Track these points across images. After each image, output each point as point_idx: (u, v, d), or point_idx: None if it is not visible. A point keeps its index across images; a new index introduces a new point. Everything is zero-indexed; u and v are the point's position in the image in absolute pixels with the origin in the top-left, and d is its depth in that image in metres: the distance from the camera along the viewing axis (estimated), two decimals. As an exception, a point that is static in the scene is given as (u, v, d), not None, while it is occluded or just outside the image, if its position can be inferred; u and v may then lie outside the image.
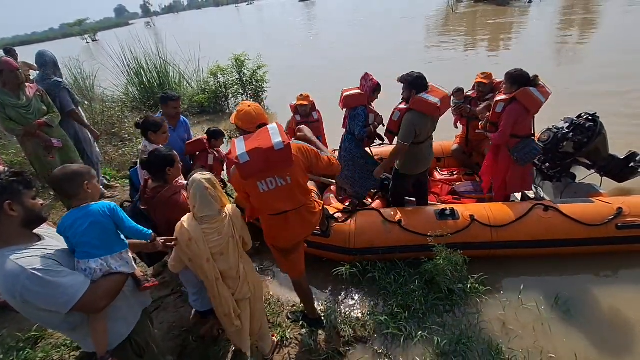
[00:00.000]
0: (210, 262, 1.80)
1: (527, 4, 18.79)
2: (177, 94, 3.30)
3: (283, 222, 2.07)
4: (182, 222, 1.79)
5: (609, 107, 5.44)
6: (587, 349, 2.26)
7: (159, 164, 2.06)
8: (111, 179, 4.83)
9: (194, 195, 1.76)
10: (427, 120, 2.87)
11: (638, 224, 2.78)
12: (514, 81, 3.01)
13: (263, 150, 1.78)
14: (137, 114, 7.00)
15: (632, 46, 8.86)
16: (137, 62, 8.24)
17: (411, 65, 9.45)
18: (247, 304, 1.96)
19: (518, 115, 2.99)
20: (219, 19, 53.04)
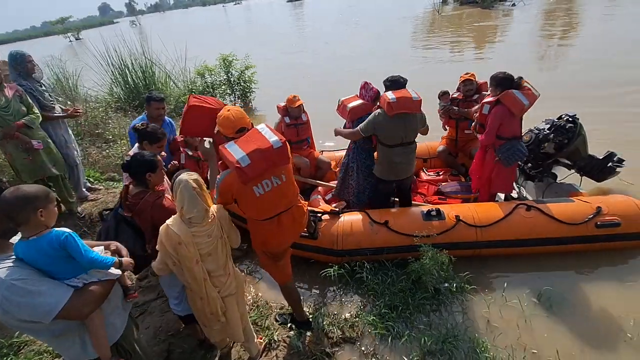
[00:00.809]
0: (199, 264, 1.78)
1: (511, 7, 19.20)
2: (160, 95, 3.24)
3: (275, 226, 2.05)
4: (169, 225, 1.74)
5: (589, 108, 5.59)
6: (568, 344, 2.32)
7: (140, 168, 1.99)
8: (95, 182, 4.73)
9: (182, 196, 1.71)
10: (392, 125, 2.85)
11: (616, 223, 2.87)
12: (498, 84, 3.09)
13: (263, 150, 1.79)
14: (122, 115, 6.87)
15: (612, 49, 9.15)
16: (122, 62, 8.08)
17: (398, 66, 9.53)
18: (233, 299, 1.95)
19: (502, 117, 3.06)
20: (206, 19, 52.48)
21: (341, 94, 3.50)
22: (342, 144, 4.86)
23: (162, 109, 3.20)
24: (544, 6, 18.23)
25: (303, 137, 3.96)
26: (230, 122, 1.92)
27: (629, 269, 2.84)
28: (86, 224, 3.81)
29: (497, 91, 3.10)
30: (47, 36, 58.32)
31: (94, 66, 8.21)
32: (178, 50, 8.77)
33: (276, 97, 4.04)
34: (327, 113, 5.13)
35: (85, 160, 5.09)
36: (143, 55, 8.19)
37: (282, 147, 1.84)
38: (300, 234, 2.89)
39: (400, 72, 3.21)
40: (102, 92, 8.28)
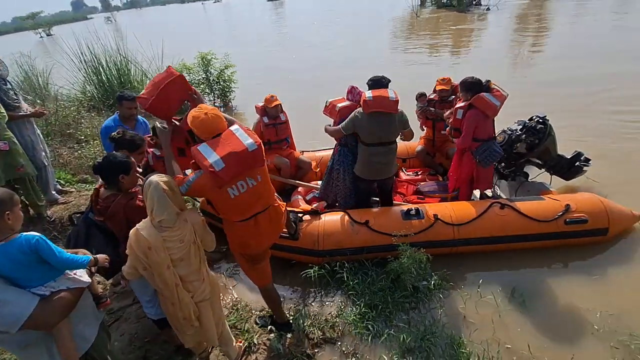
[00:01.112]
0: (171, 269, 1.74)
1: (485, 11, 19.78)
2: (132, 94, 3.12)
3: (252, 227, 2.02)
4: (138, 230, 1.68)
5: (558, 109, 5.84)
6: (539, 338, 2.41)
7: (112, 171, 1.92)
8: (66, 184, 4.54)
9: (151, 198, 1.66)
10: (370, 124, 2.89)
11: (584, 219, 3.00)
12: (468, 88, 3.19)
13: (237, 153, 1.76)
14: (95, 114, 6.63)
15: (580, 52, 9.59)
16: (96, 59, 7.80)
17: (380, 68, 9.64)
18: (207, 304, 1.92)
19: (477, 120, 3.15)
20: (184, 16, 51.43)
21: (321, 94, 3.52)
22: (323, 144, 4.88)
23: (134, 108, 3.10)
24: (517, 11, 18.89)
25: (282, 136, 3.95)
26: (208, 126, 1.84)
27: (595, 263, 2.98)
28: (56, 228, 3.66)
29: (468, 96, 3.20)
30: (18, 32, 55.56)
31: (66, 63, 7.89)
32: (155, 48, 8.55)
33: (256, 96, 4.00)
34: (307, 113, 5.15)
35: (55, 161, 4.88)
36: (118, 52, 7.93)
37: (257, 149, 1.82)
38: (280, 235, 2.92)
39: (381, 73, 3.24)
40: (74, 90, 7.97)
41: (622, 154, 4.62)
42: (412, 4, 22.74)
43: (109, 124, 3.10)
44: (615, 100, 6.29)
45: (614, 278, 2.82)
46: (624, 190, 3.75)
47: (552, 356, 2.26)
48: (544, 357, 2.26)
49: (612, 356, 2.25)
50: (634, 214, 3.23)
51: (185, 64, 7.99)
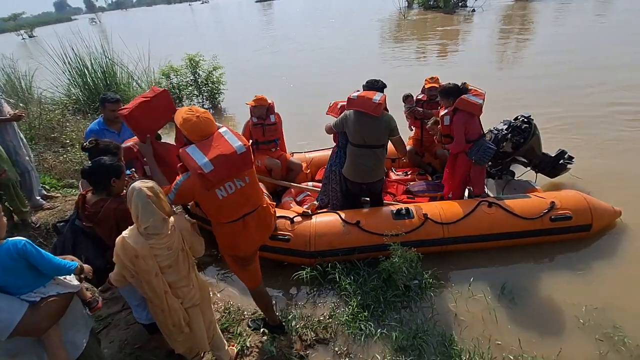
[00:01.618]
0: (159, 276, 1.71)
1: (471, 12, 20.10)
2: (116, 96, 3.06)
3: (241, 228, 2.02)
4: (124, 238, 1.64)
5: (543, 109, 5.98)
6: (528, 333, 2.46)
7: (104, 175, 1.89)
8: (51, 189, 4.45)
9: (136, 205, 1.62)
10: (356, 123, 2.92)
11: (568, 216, 3.08)
12: (449, 94, 3.26)
13: (226, 156, 1.77)
14: (81, 117, 6.51)
15: (563, 51, 9.82)
16: (81, 61, 7.66)
17: (368, 69, 9.69)
18: (197, 310, 1.89)
19: (466, 121, 3.21)
20: (172, 17, 50.89)
21: (312, 96, 3.53)
22: (312, 146, 4.89)
23: (118, 110, 3.05)
24: (501, 12, 19.27)
25: (270, 137, 3.94)
26: (200, 129, 1.83)
27: (580, 259, 3.05)
28: (42, 235, 3.58)
29: (450, 102, 3.27)
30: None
31: (50, 66, 7.73)
32: (141, 50, 8.45)
33: (247, 98, 3.98)
34: (297, 114, 5.16)
35: (40, 166, 4.77)
36: (103, 54, 7.81)
37: (246, 152, 1.83)
38: (272, 237, 2.92)
39: (369, 73, 3.27)
40: (58, 93, 7.81)
41: (604, 151, 4.76)
42: (399, 6, 23.00)
43: (93, 128, 3.04)
44: (597, 99, 6.47)
45: (598, 273, 2.90)
46: (605, 186, 3.87)
47: (541, 350, 2.31)
48: (533, 351, 2.30)
49: (598, 348, 2.31)
50: (615, 209, 3.32)
51: (173, 65, 7.92)
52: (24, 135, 3.96)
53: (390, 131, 2.95)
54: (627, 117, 5.66)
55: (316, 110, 3.18)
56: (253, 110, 3.84)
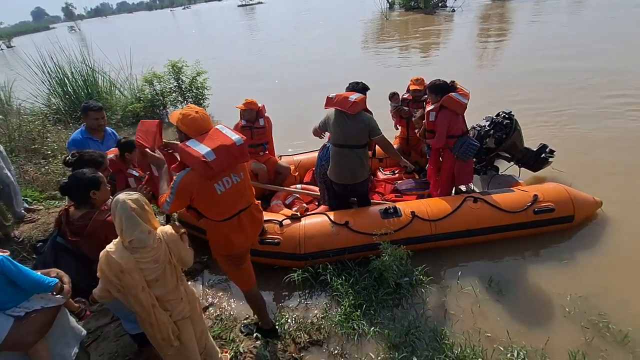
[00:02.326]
0: (146, 290, 1.66)
1: (451, 12, 20.50)
2: (98, 104, 3.03)
3: (236, 225, 2.05)
4: (109, 253, 1.59)
5: (523, 105, 6.14)
6: (517, 324, 2.51)
7: (82, 189, 1.84)
8: (33, 202, 4.33)
9: (119, 218, 1.58)
10: (334, 123, 2.99)
11: (551, 208, 3.16)
12: (437, 91, 3.31)
13: (227, 146, 1.86)
14: (62, 127, 6.37)
15: (539, 47, 10.09)
16: (60, 70, 7.51)
17: (355, 71, 9.77)
18: (187, 322, 1.85)
19: (449, 119, 3.27)
20: (153, 24, 50.29)
21: (299, 99, 3.54)
22: (301, 148, 4.91)
23: (101, 118, 3.00)
24: (480, 12, 19.71)
25: (258, 141, 3.94)
26: (198, 124, 1.91)
27: (563, 249, 3.14)
28: (25, 249, 3.48)
29: (437, 98, 3.31)
30: (-27, 44, 52.68)
31: (28, 76, 7.56)
32: (123, 57, 8.34)
33: (232, 103, 3.98)
34: (285, 117, 5.17)
35: (21, 179, 4.64)
36: (84, 62, 7.68)
37: (244, 144, 1.95)
38: (262, 241, 2.92)
39: (355, 74, 3.31)
40: (38, 103, 7.64)
41: (583, 144, 4.91)
42: (381, 7, 23.27)
43: (76, 137, 2.99)
44: (575, 93, 6.68)
45: (581, 262, 2.99)
46: (586, 178, 3.99)
47: (529, 340, 2.36)
48: (522, 342, 2.35)
49: (584, 335, 2.37)
50: (596, 200, 3.43)
51: (156, 72, 7.83)
52: (3, 147, 3.85)
53: (370, 131, 2.95)
54: (603, 110, 5.86)
55: (304, 112, 3.19)
56: (242, 113, 3.87)
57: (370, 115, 3.00)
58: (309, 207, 3.82)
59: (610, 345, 2.30)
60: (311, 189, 3.97)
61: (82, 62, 7.72)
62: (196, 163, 1.80)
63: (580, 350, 2.24)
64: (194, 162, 1.81)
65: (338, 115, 2.98)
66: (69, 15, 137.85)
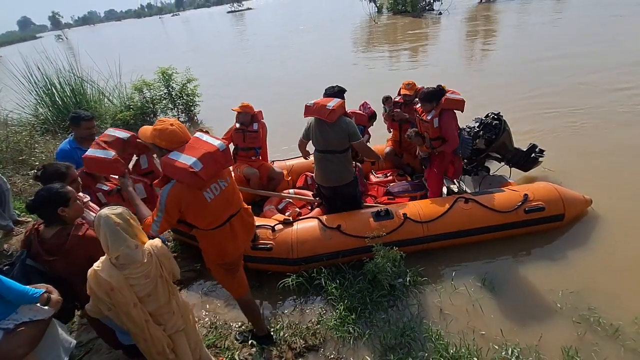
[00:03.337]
0: (138, 306, 1.62)
1: (438, 15, 20.80)
2: (89, 113, 3.00)
3: (228, 231, 2.04)
4: (97, 271, 1.55)
5: (511, 105, 6.23)
6: (511, 322, 2.54)
7: (50, 206, 1.75)
8: (22, 214, 4.26)
9: (104, 235, 1.53)
10: (315, 130, 3.02)
11: (541, 207, 3.20)
12: (432, 98, 3.35)
13: (211, 153, 1.83)
14: (50, 137, 6.30)
15: (525, 47, 10.27)
16: (48, 80, 7.43)
17: (345, 75, 9.81)
18: (181, 334, 1.82)
19: (454, 119, 3.37)
20: (142, 31, 50.07)
21: (288, 103, 3.55)
22: (294, 153, 4.90)
23: (93, 128, 2.98)
24: (467, 14, 20.03)
25: (250, 145, 3.95)
26: (179, 136, 1.87)
27: (554, 247, 3.18)
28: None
29: (433, 104, 3.36)
30: (-43, 54, 51.85)
31: (15, 86, 7.45)
32: (111, 65, 8.28)
33: (224, 109, 3.99)
34: (280, 123, 5.18)
35: (8, 186, 4.56)
36: (71, 71, 7.60)
37: (227, 149, 1.92)
38: (254, 247, 2.91)
39: (345, 78, 3.33)
40: (25, 114, 7.53)
41: (573, 142, 5.00)
42: (369, 11, 23.52)
43: (64, 147, 2.95)
44: (560, 92, 6.80)
45: (572, 259, 3.03)
46: (575, 177, 4.06)
47: (523, 338, 2.38)
48: (516, 339, 2.37)
49: (575, 330, 2.41)
50: (586, 198, 3.49)
51: (145, 80, 7.78)
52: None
53: (349, 136, 2.95)
54: (591, 109, 5.97)
55: (297, 115, 3.19)
56: (238, 116, 3.91)
57: (350, 120, 3.03)
58: (301, 212, 3.83)
59: (601, 339, 2.34)
60: (304, 194, 3.97)
61: (70, 71, 7.65)
62: (184, 175, 1.75)
63: (573, 346, 2.27)
64: (180, 175, 1.76)
65: (318, 122, 3.01)
66: (55, 24, 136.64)
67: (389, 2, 24.70)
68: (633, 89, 6.50)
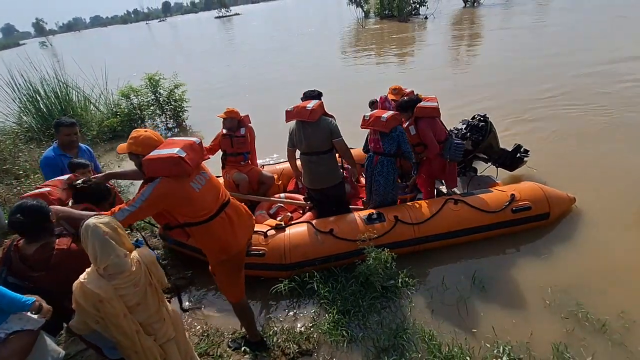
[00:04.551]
0: (128, 317, 1.59)
1: (424, 19, 21.15)
2: (70, 119, 2.96)
3: (226, 221, 2.04)
4: (83, 284, 1.50)
5: (497, 107, 6.36)
6: (501, 319, 2.57)
7: (30, 222, 1.71)
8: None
9: (92, 246, 1.49)
10: (296, 133, 3.09)
11: (528, 206, 3.26)
12: (407, 108, 3.47)
13: (190, 144, 1.91)
14: (35, 146, 6.17)
15: (509, 50, 10.51)
16: (32, 87, 7.30)
17: (334, 79, 9.85)
18: (172, 343, 1.79)
19: (430, 126, 3.41)
20: (129, 37, 49.58)
21: (276, 108, 3.55)
22: (284, 157, 4.90)
23: (73, 134, 2.92)
24: (452, 19, 20.41)
25: (238, 150, 3.93)
26: (152, 140, 1.94)
27: (541, 245, 3.24)
28: None
29: (409, 114, 3.47)
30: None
31: (-3, 94, 7.32)
32: (98, 72, 8.19)
33: (213, 115, 3.96)
34: (265, 127, 5.16)
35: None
36: (56, 78, 7.48)
37: (201, 143, 2.03)
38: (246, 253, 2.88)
39: (333, 82, 3.36)
40: (8, 122, 7.38)
41: (556, 142, 5.12)
42: (357, 16, 23.78)
43: (48, 155, 2.90)
44: (544, 94, 6.96)
45: (559, 256, 3.09)
46: (559, 175, 4.15)
47: (514, 335, 2.42)
48: (507, 337, 2.40)
49: (564, 326, 2.45)
50: (570, 196, 3.57)
51: (132, 86, 7.71)
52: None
53: (332, 134, 3.02)
54: (573, 109, 6.13)
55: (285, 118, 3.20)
56: (224, 122, 3.89)
57: (331, 119, 3.09)
58: (293, 216, 3.82)
59: (589, 334, 2.39)
60: (295, 198, 3.96)
61: (55, 77, 7.53)
62: (170, 163, 1.78)
63: (562, 342, 2.31)
64: (167, 164, 1.78)
65: (299, 125, 3.07)
66: (39, 31, 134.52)
67: (375, 6, 25.02)
68: (614, 90, 6.69)
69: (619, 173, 4.13)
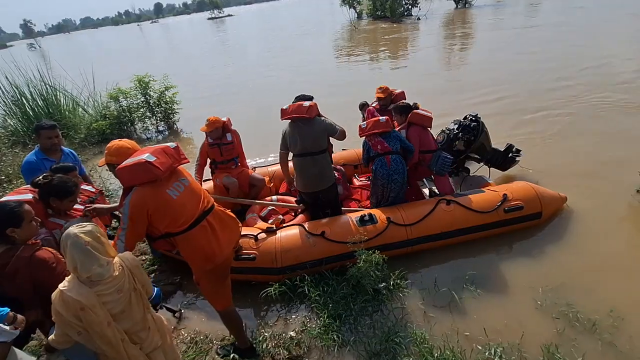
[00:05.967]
0: (112, 325, 1.52)
1: (416, 20, 21.25)
2: (50, 122, 2.88)
3: (208, 230, 1.99)
4: (63, 292, 1.43)
5: (488, 106, 6.38)
6: (493, 321, 2.55)
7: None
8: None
9: (72, 256, 1.42)
10: (291, 133, 3.04)
11: (520, 206, 3.26)
12: (402, 111, 3.53)
13: (162, 148, 1.90)
14: (20, 149, 6.04)
15: (500, 51, 10.58)
16: (17, 90, 7.16)
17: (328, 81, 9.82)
18: (159, 352, 1.73)
19: (419, 134, 3.44)
20: (120, 39, 49.09)
21: (269, 110, 3.51)
22: (275, 159, 4.85)
23: (55, 137, 2.84)
24: (444, 20, 20.55)
25: (228, 157, 3.87)
26: (125, 147, 1.96)
27: (533, 245, 3.24)
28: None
29: (403, 118, 3.51)
30: None
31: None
32: (86, 74, 8.06)
33: (205, 117, 3.87)
34: (258, 128, 5.13)
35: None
36: (42, 81, 7.34)
37: (177, 147, 1.99)
38: (237, 257, 2.83)
39: (326, 83, 3.33)
40: (-8, 125, 7.23)
41: (547, 141, 5.14)
42: (349, 17, 23.81)
43: (30, 159, 2.82)
44: (535, 94, 7.01)
45: (550, 256, 3.09)
46: (551, 175, 4.17)
47: (505, 336, 2.39)
48: (499, 338, 2.38)
49: (555, 326, 2.44)
50: (561, 195, 3.57)
51: (121, 88, 7.59)
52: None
53: (329, 130, 3.03)
54: (564, 108, 6.17)
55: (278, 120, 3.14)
56: (209, 134, 3.79)
57: (323, 119, 3.07)
58: (285, 219, 3.77)
59: (580, 334, 2.38)
60: (287, 200, 3.92)
61: (42, 80, 7.39)
62: (140, 170, 1.77)
63: (553, 342, 2.30)
64: (137, 171, 1.77)
65: (294, 125, 3.03)
66: (27, 33, 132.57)
67: (368, 7, 25.08)
68: (603, 90, 6.76)
69: (609, 171, 4.16)
